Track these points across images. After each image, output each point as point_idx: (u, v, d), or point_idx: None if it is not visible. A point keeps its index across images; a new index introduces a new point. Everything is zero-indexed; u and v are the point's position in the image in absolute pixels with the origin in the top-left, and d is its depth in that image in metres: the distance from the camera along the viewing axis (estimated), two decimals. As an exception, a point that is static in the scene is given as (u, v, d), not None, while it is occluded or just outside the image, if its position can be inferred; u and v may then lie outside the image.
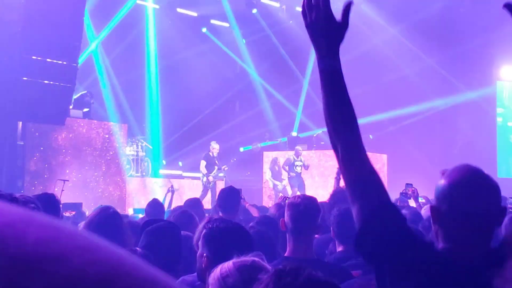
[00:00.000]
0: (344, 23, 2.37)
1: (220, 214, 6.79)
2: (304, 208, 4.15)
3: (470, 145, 23.38)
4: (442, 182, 2.33)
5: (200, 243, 3.37)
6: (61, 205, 5.45)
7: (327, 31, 2.36)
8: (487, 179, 2.31)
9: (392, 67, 22.93)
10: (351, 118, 2.38)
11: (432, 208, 2.33)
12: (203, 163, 18.35)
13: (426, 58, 22.66)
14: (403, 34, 22.45)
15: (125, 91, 21.36)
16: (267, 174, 20.00)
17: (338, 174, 8.45)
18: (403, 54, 22.84)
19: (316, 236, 4.58)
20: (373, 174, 2.34)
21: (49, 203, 4.33)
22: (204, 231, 3.40)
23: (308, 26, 2.38)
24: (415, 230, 2.29)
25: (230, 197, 6.86)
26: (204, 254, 3.30)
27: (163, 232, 4.04)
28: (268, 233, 4.86)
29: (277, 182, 19.65)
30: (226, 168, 18.89)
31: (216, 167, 18.37)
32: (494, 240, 2.31)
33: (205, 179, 18.23)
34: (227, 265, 2.39)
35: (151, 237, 3.96)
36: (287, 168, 19.51)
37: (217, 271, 2.46)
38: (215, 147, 18.55)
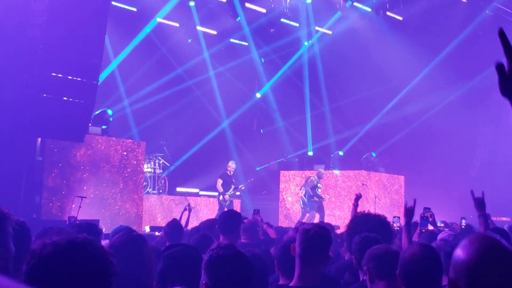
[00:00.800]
0: None
1: (221, 237, 6.76)
2: (315, 236, 4.19)
3: (488, 167, 23.23)
4: (459, 254, 2.26)
5: (202, 269, 3.36)
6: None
7: None
8: (506, 251, 2.23)
9: (408, 88, 22.93)
10: None
11: (451, 282, 2.25)
12: (219, 182, 18.40)
13: (445, 80, 22.59)
14: (419, 58, 22.42)
15: (143, 108, 21.46)
16: (301, 191, 19.76)
17: (356, 200, 8.38)
18: (420, 76, 22.81)
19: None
20: None
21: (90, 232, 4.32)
22: (205, 258, 3.38)
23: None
24: None
25: (230, 220, 6.83)
26: (204, 282, 3.28)
27: (182, 256, 4.01)
28: (260, 256, 4.82)
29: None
30: (243, 188, 18.90)
31: (232, 186, 18.41)
32: None
33: (221, 197, 18.25)
34: None
35: (170, 260, 3.93)
36: (310, 190, 19.27)
37: None
38: (232, 166, 18.62)
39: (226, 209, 17.96)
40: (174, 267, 3.83)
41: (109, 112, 16.44)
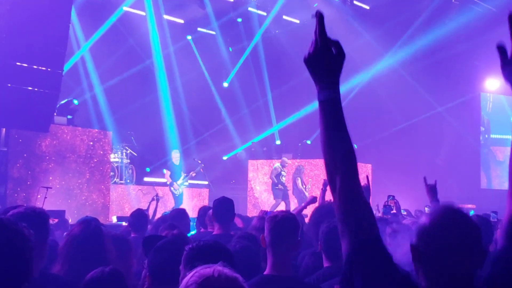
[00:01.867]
0: (340, 53, 2.41)
1: (215, 223, 6.76)
2: (282, 222, 4.20)
3: (454, 156, 23.49)
4: (423, 221, 2.34)
5: (182, 263, 3.32)
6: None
7: (326, 64, 2.39)
8: (468, 220, 2.30)
9: (378, 77, 23.02)
10: (351, 150, 2.40)
11: (412, 247, 2.32)
12: (167, 173, 18.37)
13: (411, 69, 22.73)
14: (386, 47, 22.54)
15: (110, 98, 21.28)
16: (299, 183, 19.78)
17: (324, 185, 8.41)
18: (389, 66, 22.92)
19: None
20: (367, 208, 2.35)
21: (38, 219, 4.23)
22: (185, 251, 3.35)
23: (306, 60, 2.39)
24: (401, 268, 2.27)
25: (224, 207, 6.82)
26: (182, 273, 3.26)
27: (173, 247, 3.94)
28: (251, 248, 4.84)
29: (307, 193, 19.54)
30: (194, 174, 18.91)
31: (183, 174, 18.38)
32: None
33: (172, 188, 18.17)
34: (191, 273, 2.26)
35: (161, 254, 3.84)
36: (274, 179, 19.47)
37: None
38: (176, 156, 18.58)
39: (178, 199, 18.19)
40: (169, 259, 3.75)
41: (75, 102, 16.27)
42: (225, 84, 25.59)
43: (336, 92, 2.40)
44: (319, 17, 2.37)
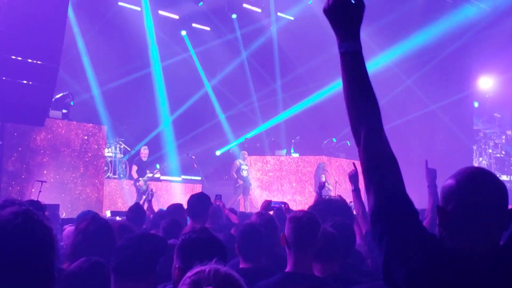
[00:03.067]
0: (360, 3, 2.40)
1: (188, 218, 6.75)
2: (308, 225, 4.22)
3: (447, 154, 23.54)
4: (450, 182, 2.31)
5: (174, 255, 3.38)
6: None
7: (345, 14, 2.39)
8: (496, 180, 2.29)
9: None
10: (374, 102, 2.40)
11: (439, 209, 2.30)
12: (134, 168, 18.27)
13: (405, 67, 22.78)
14: (380, 43, 22.58)
15: (105, 93, 21.28)
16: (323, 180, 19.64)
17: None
18: (382, 64, 22.96)
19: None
20: (392, 162, 2.36)
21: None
22: (179, 242, 3.40)
23: (326, 10, 2.41)
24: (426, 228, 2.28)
25: (199, 203, 6.80)
26: (177, 266, 3.31)
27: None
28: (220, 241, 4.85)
29: (330, 187, 19.24)
30: (157, 171, 19.00)
31: (148, 171, 18.35)
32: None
33: (137, 183, 17.99)
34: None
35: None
36: (235, 174, 19.70)
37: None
38: (144, 152, 18.51)
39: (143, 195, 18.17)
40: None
41: (70, 96, 16.29)
42: (219, 80, 25.59)
43: (357, 43, 2.41)
44: None
